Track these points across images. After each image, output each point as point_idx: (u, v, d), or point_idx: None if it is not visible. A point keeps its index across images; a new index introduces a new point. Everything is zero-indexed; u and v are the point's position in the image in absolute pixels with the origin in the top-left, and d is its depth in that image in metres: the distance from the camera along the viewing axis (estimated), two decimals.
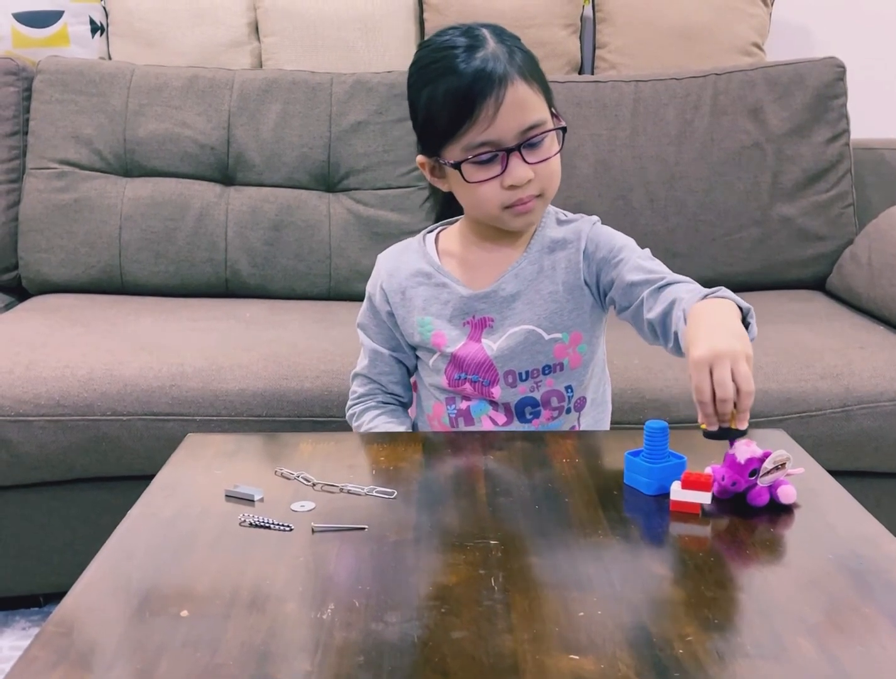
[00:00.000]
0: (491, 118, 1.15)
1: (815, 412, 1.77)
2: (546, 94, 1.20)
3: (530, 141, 1.17)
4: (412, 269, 1.29)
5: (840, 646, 0.75)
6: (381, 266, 1.33)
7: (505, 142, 1.16)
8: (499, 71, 1.15)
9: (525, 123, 1.16)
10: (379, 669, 0.71)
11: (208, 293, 2.31)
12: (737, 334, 0.99)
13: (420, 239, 1.33)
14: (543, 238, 1.27)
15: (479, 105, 1.14)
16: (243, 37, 2.53)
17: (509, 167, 1.17)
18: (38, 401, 1.74)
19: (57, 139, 2.32)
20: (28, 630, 1.88)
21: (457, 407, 1.29)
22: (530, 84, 1.17)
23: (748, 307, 1.08)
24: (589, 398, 1.30)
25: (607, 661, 0.72)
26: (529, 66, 1.18)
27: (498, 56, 1.16)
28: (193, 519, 0.97)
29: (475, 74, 1.15)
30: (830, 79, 2.33)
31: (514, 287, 1.25)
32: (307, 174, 2.34)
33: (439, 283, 1.27)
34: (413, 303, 1.28)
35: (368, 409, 1.34)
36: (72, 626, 0.79)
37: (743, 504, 0.98)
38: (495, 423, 1.28)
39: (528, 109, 1.16)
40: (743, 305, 1.07)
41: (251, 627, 0.77)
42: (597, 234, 1.26)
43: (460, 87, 1.15)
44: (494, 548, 0.89)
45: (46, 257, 2.30)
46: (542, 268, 1.26)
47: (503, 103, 1.14)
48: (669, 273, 1.20)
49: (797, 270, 2.35)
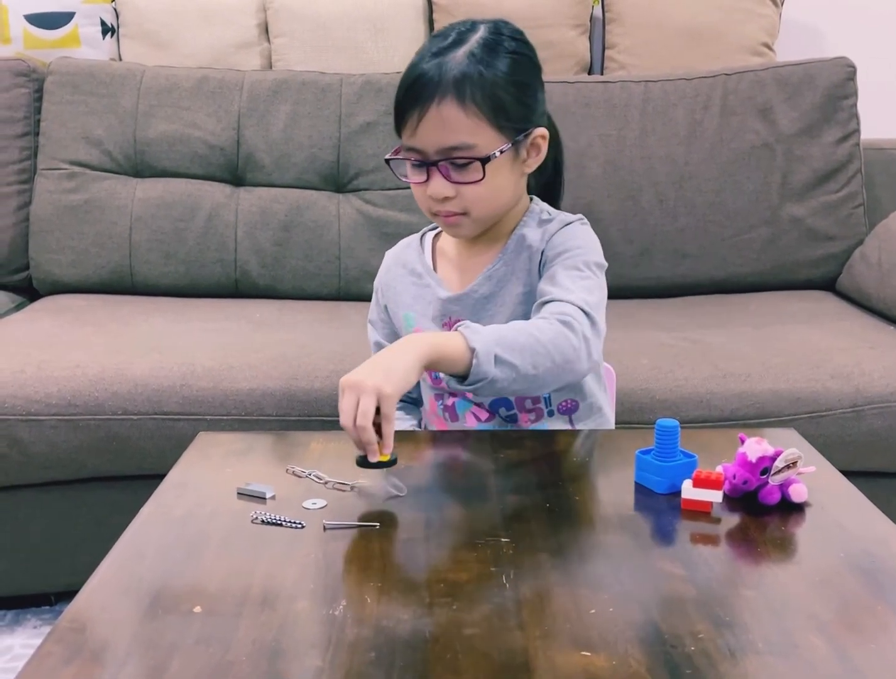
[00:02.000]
0: (414, 128, 1.15)
1: (826, 412, 1.76)
2: (495, 119, 1.14)
3: (453, 160, 1.15)
4: (408, 267, 1.31)
5: (852, 644, 0.74)
6: (385, 261, 1.36)
7: (428, 153, 1.16)
8: (431, 85, 1.13)
9: (445, 143, 1.14)
10: (390, 666, 0.71)
11: (218, 293, 2.32)
12: (383, 368, 0.99)
13: (420, 237, 1.35)
14: (520, 239, 1.25)
15: (407, 112, 1.15)
16: (253, 38, 2.54)
17: (430, 179, 1.17)
18: (49, 400, 1.74)
19: (67, 140, 2.33)
20: (39, 628, 1.88)
21: (444, 403, 1.30)
22: (465, 106, 1.13)
23: (485, 349, 1.03)
24: (583, 402, 1.28)
25: (619, 657, 0.72)
26: (483, 87, 1.13)
27: (445, 68, 1.13)
28: (205, 517, 0.97)
29: (412, 82, 1.15)
30: (841, 79, 2.33)
31: (487, 289, 1.24)
32: (317, 175, 2.35)
33: (426, 283, 1.29)
34: (401, 298, 1.30)
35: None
36: (85, 624, 0.80)
37: (754, 503, 0.98)
38: (478, 419, 1.28)
39: (451, 131, 1.14)
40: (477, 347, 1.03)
41: (263, 624, 0.77)
42: (559, 237, 1.23)
43: (399, 89, 1.17)
44: (505, 545, 0.89)
45: (57, 258, 2.31)
46: (514, 269, 1.24)
47: (425, 117, 1.14)
48: (566, 294, 1.14)
49: (807, 271, 2.35)
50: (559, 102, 2.34)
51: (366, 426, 0.96)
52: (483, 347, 1.03)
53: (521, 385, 1.08)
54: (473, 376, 1.03)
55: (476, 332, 1.05)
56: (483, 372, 1.03)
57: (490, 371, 1.04)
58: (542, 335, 1.08)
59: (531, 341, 1.07)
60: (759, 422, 1.75)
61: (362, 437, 0.97)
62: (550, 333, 1.09)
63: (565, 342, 1.09)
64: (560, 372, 1.10)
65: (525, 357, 1.06)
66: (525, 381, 1.07)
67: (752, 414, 1.76)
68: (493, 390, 1.07)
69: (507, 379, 1.05)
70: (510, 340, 1.06)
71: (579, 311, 1.12)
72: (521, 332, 1.08)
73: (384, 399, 0.96)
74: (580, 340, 1.10)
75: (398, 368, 0.99)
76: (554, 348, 1.08)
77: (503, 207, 1.23)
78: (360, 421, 0.96)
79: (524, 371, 1.06)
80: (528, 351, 1.06)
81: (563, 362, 1.09)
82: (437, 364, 1.03)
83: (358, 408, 0.96)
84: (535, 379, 1.08)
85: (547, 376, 1.09)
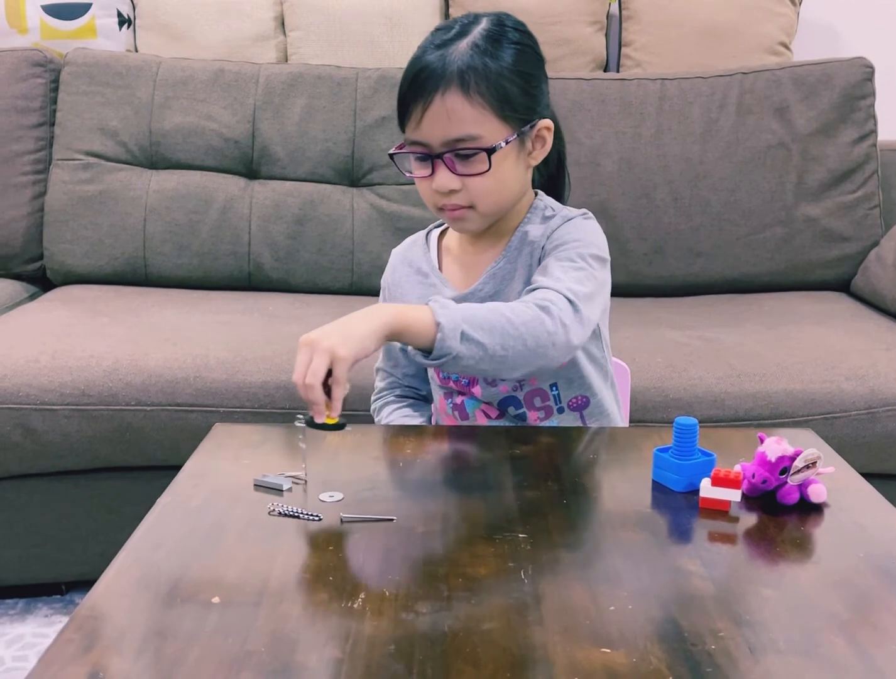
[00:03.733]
0: (418, 120, 1.14)
1: (840, 413, 1.76)
2: (500, 110, 1.14)
3: (458, 152, 1.14)
4: (414, 265, 1.30)
5: (872, 643, 0.74)
6: (391, 260, 1.35)
7: (433, 146, 1.15)
8: (434, 77, 1.13)
9: (450, 135, 1.14)
10: (410, 659, 0.71)
11: (231, 286, 2.33)
12: (342, 331, 0.98)
13: (425, 235, 1.34)
14: (523, 236, 1.24)
15: (411, 105, 1.15)
16: (269, 31, 2.54)
17: (435, 172, 1.16)
18: (63, 390, 1.75)
19: (83, 131, 2.33)
20: (50, 617, 1.89)
21: (453, 401, 1.29)
22: (469, 96, 1.12)
23: (451, 324, 1.02)
24: (593, 399, 1.27)
25: (639, 654, 0.72)
26: (488, 78, 1.13)
27: (448, 60, 1.13)
28: (222, 508, 0.97)
29: (416, 73, 1.14)
30: (858, 79, 2.32)
31: (491, 288, 1.23)
32: (331, 169, 2.35)
33: (432, 283, 1.28)
34: (407, 298, 1.29)
35: (387, 404, 1.35)
36: (103, 612, 0.80)
37: (773, 502, 0.97)
38: (488, 416, 1.27)
39: (456, 122, 1.13)
40: (443, 322, 1.01)
41: (282, 616, 0.77)
42: (559, 232, 1.21)
43: (403, 82, 1.16)
44: (523, 541, 0.89)
45: (71, 248, 2.31)
46: (517, 267, 1.23)
47: (429, 109, 1.13)
48: (553, 282, 1.12)
49: (821, 271, 2.34)
50: (575, 99, 2.34)
51: (314, 385, 0.95)
52: (449, 323, 1.02)
53: (489, 365, 1.06)
54: (437, 351, 1.02)
55: (445, 306, 1.04)
56: (447, 347, 1.02)
57: (455, 347, 1.02)
58: (516, 318, 1.06)
59: (503, 321, 1.05)
60: (773, 422, 1.74)
61: (309, 396, 0.96)
62: (525, 317, 1.06)
63: (540, 326, 1.06)
64: (531, 356, 1.07)
65: (494, 337, 1.04)
66: (493, 361, 1.05)
67: (766, 414, 1.75)
68: (458, 367, 1.05)
69: (473, 357, 1.03)
70: (480, 319, 1.04)
71: (562, 298, 1.10)
72: (494, 312, 1.06)
73: (337, 361, 0.96)
74: (557, 325, 1.07)
75: (357, 333, 0.98)
76: (527, 331, 1.05)
77: (509, 201, 1.21)
78: (308, 379, 0.95)
79: (492, 351, 1.04)
80: (499, 331, 1.04)
81: (536, 346, 1.06)
82: (401, 335, 1.02)
83: (310, 366, 0.96)
84: (505, 360, 1.05)
85: (517, 359, 1.06)
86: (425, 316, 1.02)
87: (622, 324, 2.03)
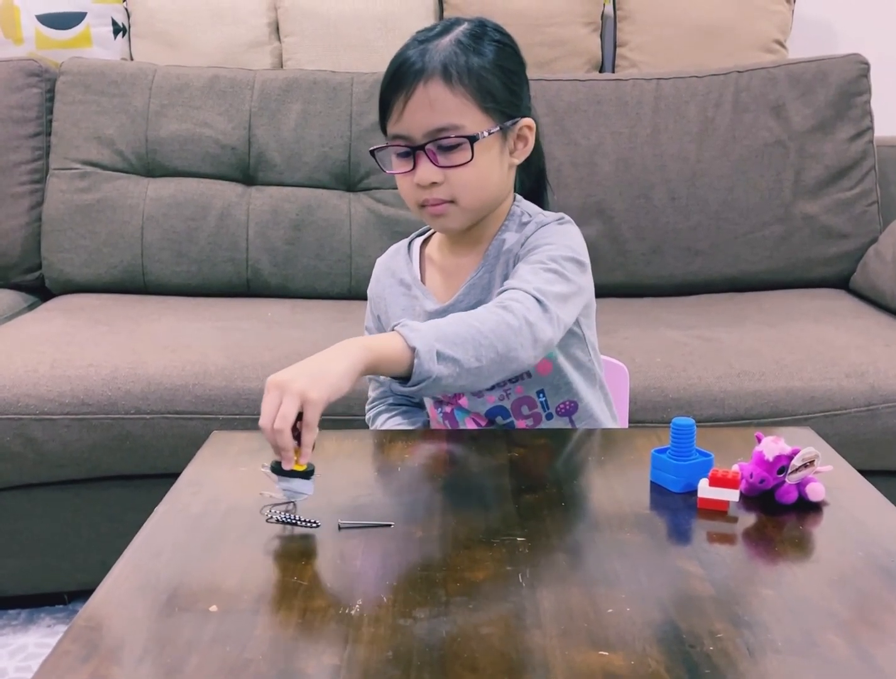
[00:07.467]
0: (400, 112, 1.15)
1: (840, 411, 1.75)
2: (482, 101, 1.14)
3: (440, 143, 1.14)
4: (397, 276, 1.30)
5: (872, 642, 0.74)
6: (375, 271, 1.35)
7: (414, 138, 1.15)
8: (416, 67, 1.13)
9: (432, 124, 1.13)
10: (408, 664, 0.71)
11: (230, 293, 2.33)
12: (313, 372, 0.93)
13: (408, 244, 1.33)
14: (500, 244, 1.23)
15: (393, 97, 1.15)
16: (264, 37, 2.54)
17: (417, 165, 1.16)
18: (62, 399, 1.75)
19: (79, 140, 2.34)
20: (53, 627, 1.89)
21: (443, 410, 1.29)
22: (452, 86, 1.13)
23: (426, 346, 0.99)
24: (581, 403, 1.26)
25: (637, 657, 0.71)
26: (470, 70, 1.13)
27: (429, 53, 1.14)
28: (220, 515, 0.97)
29: (398, 67, 1.15)
30: (854, 76, 2.32)
31: (471, 298, 1.22)
32: (328, 174, 2.35)
33: (415, 295, 1.27)
34: (391, 310, 1.29)
35: (380, 414, 1.36)
36: (101, 622, 0.80)
37: (771, 502, 0.97)
38: (478, 424, 1.27)
39: (438, 111, 1.13)
40: (418, 346, 0.99)
41: (280, 623, 0.77)
42: (533, 238, 1.20)
43: (385, 76, 1.16)
44: (521, 544, 0.89)
45: (69, 257, 2.32)
46: (494, 276, 1.22)
47: (411, 99, 1.13)
48: (521, 283, 1.11)
49: (820, 268, 2.34)
50: (570, 100, 2.34)
51: (283, 430, 0.90)
52: (423, 345, 0.99)
53: (467, 380, 1.04)
54: (416, 376, 0.99)
55: (415, 329, 1.01)
56: (426, 371, 0.99)
57: (433, 369, 0.99)
58: (483, 325, 1.04)
59: (472, 332, 1.03)
60: (773, 421, 1.74)
61: (277, 441, 0.91)
62: (491, 322, 1.05)
63: (506, 329, 1.05)
64: (504, 361, 1.05)
65: (468, 350, 1.02)
66: (470, 374, 1.03)
67: (766, 413, 1.75)
68: (439, 388, 1.03)
69: (451, 375, 1.01)
70: (451, 335, 1.02)
71: (528, 297, 1.08)
72: (461, 324, 1.04)
73: (308, 405, 0.91)
74: (521, 323, 1.06)
75: (329, 374, 0.93)
76: (496, 337, 1.04)
77: (490, 198, 1.20)
78: (278, 424, 0.90)
79: (468, 365, 1.02)
80: (471, 343, 1.02)
81: (507, 350, 1.04)
82: (377, 368, 0.98)
83: (279, 410, 0.91)
84: (480, 371, 1.04)
85: (492, 367, 1.04)
86: (397, 343, 0.99)
87: (621, 324, 2.03)
